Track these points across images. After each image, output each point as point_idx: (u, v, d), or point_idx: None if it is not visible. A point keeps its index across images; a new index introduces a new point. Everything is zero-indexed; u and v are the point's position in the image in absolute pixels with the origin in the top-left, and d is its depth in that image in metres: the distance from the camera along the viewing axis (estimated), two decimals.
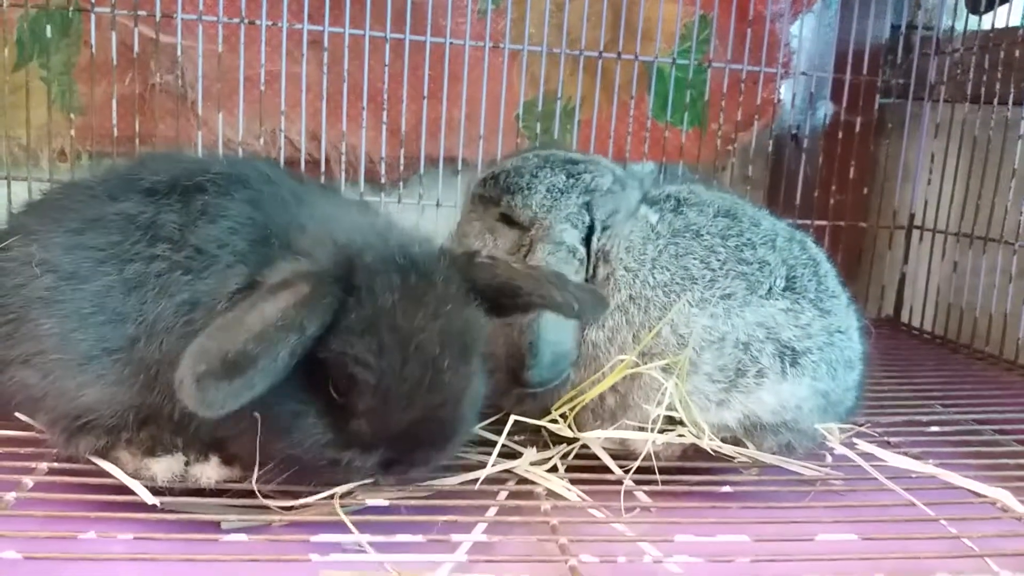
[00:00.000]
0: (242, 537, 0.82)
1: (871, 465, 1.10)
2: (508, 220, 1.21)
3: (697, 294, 1.10)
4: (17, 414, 1.01)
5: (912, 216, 2.07)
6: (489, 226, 1.23)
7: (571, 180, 1.20)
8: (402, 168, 1.86)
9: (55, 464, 0.96)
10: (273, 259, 0.89)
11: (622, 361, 1.10)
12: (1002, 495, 1.04)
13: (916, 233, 2.06)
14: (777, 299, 1.11)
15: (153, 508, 0.88)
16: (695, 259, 1.13)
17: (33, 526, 0.82)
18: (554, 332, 1.09)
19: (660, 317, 1.10)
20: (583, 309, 0.98)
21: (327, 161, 1.85)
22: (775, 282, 1.12)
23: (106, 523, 0.83)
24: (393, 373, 0.85)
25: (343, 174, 1.86)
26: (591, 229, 1.18)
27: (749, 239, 1.15)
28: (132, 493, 0.89)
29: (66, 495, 0.90)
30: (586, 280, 1.17)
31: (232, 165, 1.07)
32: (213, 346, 0.78)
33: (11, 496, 0.88)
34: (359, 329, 0.84)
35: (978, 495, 1.05)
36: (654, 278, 1.13)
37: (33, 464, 0.96)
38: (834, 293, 1.17)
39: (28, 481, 0.92)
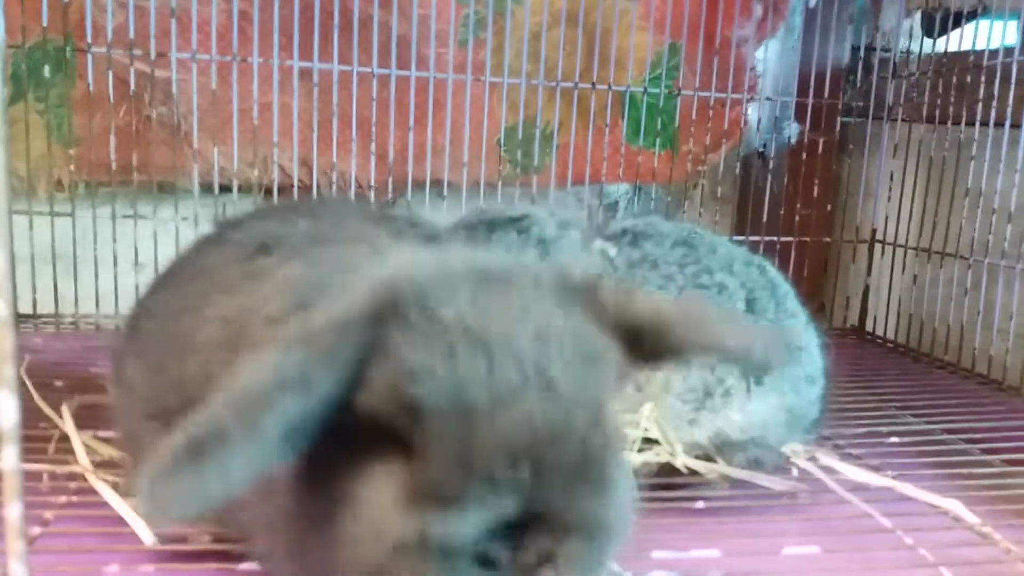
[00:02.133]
0: (255, 566, 0.87)
1: (832, 479, 1.18)
2: None
3: None
4: None
5: (874, 231, 2.17)
6: None
7: (522, 236, 1.28)
8: (391, 192, 1.94)
9: (74, 498, 1.02)
10: None
11: None
12: (954, 505, 1.11)
13: (878, 247, 2.16)
14: None
15: (181, 539, 0.92)
16: (652, 288, 1.20)
17: (57, 560, 0.87)
18: None
19: None
20: (764, 356, 0.70)
21: (318, 187, 1.93)
22: (735, 305, 1.21)
23: (127, 555, 0.89)
24: (470, 375, 0.55)
25: None
26: None
27: (707, 265, 1.23)
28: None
29: (86, 527, 0.95)
30: None
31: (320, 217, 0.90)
32: (180, 433, 0.53)
33: (36, 531, 0.92)
34: (414, 346, 0.56)
35: (933, 506, 1.13)
36: None
37: (52, 498, 1.01)
38: (793, 313, 1.25)
39: (49, 515, 0.97)
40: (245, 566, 0.88)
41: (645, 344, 0.66)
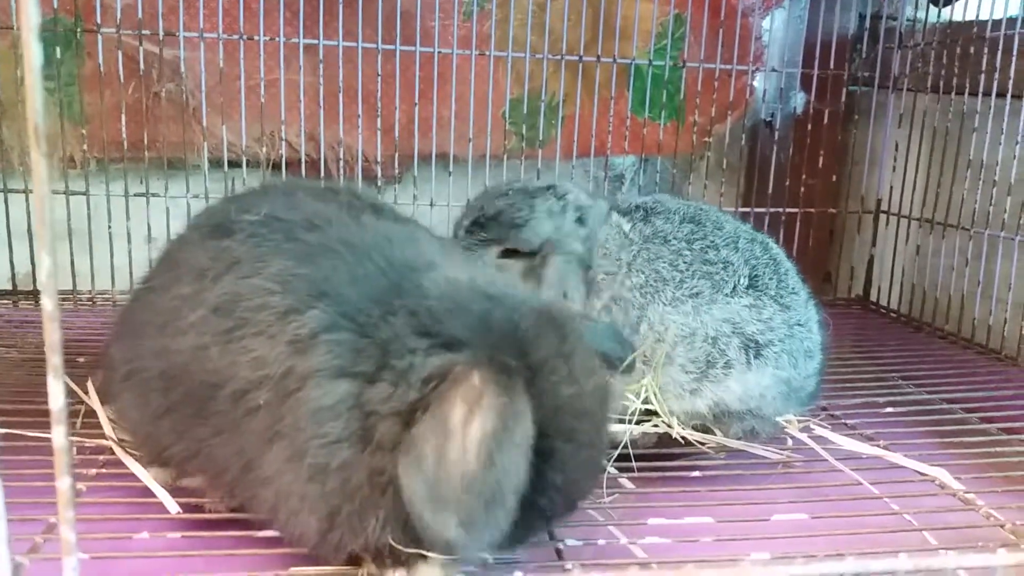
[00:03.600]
0: (275, 533, 0.93)
1: (824, 448, 1.22)
2: (514, 253, 1.32)
3: (668, 294, 1.23)
4: None
5: (879, 201, 2.18)
6: (492, 265, 1.33)
7: (561, 202, 1.32)
8: (396, 166, 1.96)
9: (103, 470, 1.07)
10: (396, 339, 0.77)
11: None
12: (940, 474, 1.15)
13: (883, 218, 2.17)
14: (741, 296, 1.23)
15: (198, 509, 0.97)
16: (664, 263, 1.24)
17: (90, 528, 0.92)
18: None
19: (639, 317, 1.23)
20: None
21: (325, 161, 1.95)
22: (739, 281, 1.24)
23: (156, 523, 0.95)
24: (581, 439, 0.80)
25: (341, 173, 1.97)
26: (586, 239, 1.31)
27: (713, 242, 1.27)
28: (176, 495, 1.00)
29: (116, 498, 1.01)
30: None
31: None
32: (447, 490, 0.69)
33: None
34: (552, 406, 0.78)
35: (920, 474, 1.17)
36: (630, 280, 1.25)
37: (83, 470, 1.06)
38: (794, 290, 1.28)
39: (81, 486, 1.02)
40: (262, 533, 0.92)
41: None
